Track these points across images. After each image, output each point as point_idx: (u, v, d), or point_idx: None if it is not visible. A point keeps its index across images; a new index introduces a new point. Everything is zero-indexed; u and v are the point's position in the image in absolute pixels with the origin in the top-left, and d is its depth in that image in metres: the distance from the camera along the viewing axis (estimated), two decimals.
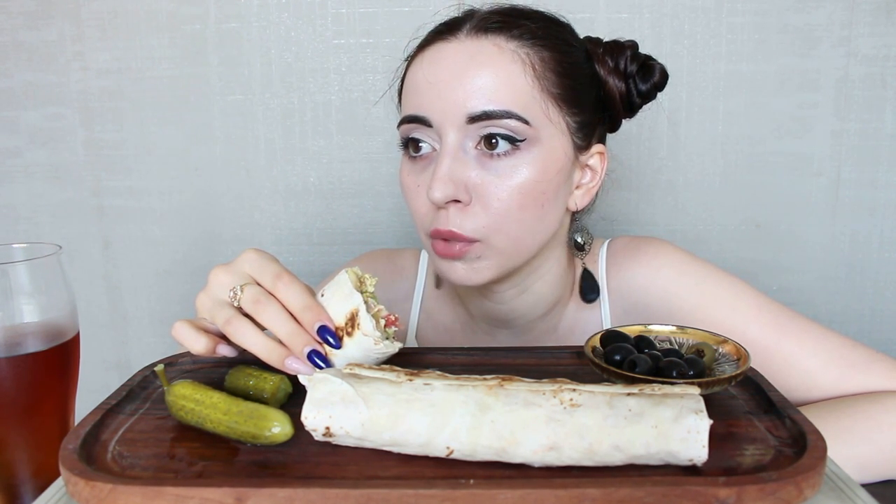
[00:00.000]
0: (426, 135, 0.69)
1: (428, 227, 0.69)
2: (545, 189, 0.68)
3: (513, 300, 0.77)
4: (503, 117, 0.65)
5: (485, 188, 0.66)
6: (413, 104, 0.69)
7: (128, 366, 1.28)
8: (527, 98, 0.66)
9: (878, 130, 1.13)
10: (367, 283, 0.57)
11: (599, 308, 0.80)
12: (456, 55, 0.67)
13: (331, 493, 0.40)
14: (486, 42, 0.67)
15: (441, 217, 0.67)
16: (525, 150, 0.67)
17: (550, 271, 0.77)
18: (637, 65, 0.74)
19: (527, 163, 0.67)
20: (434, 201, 0.66)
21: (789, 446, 0.45)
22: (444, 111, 0.66)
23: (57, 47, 1.17)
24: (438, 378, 0.47)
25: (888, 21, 1.09)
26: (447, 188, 0.65)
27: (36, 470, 0.59)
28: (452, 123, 0.66)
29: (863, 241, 1.17)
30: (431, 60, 0.69)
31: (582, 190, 0.74)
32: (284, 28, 1.15)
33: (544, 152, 0.68)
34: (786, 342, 0.73)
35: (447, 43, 0.69)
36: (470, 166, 0.67)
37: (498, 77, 0.66)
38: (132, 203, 1.22)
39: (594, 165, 0.74)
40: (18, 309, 0.58)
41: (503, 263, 0.70)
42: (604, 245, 0.83)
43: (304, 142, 1.18)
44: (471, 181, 0.66)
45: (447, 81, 0.67)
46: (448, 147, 0.67)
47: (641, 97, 0.75)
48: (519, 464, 0.44)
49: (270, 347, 0.53)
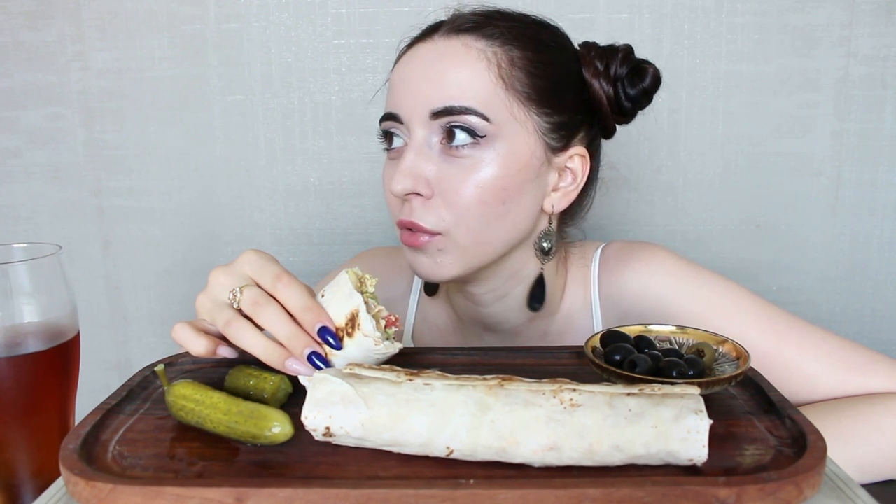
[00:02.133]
0: (399, 130, 0.71)
1: (396, 219, 0.71)
2: (506, 185, 0.68)
3: (493, 304, 0.77)
4: (463, 113, 0.67)
5: (446, 182, 0.68)
6: (389, 102, 0.72)
7: (128, 366, 1.28)
8: (489, 95, 0.67)
9: (878, 130, 1.13)
10: (368, 283, 0.57)
11: (591, 316, 0.80)
12: (426, 54, 0.70)
13: (331, 493, 0.40)
14: (455, 42, 0.69)
15: (405, 208, 0.69)
16: (486, 146, 0.67)
17: (531, 276, 0.76)
18: (627, 68, 0.73)
19: (488, 158, 0.68)
20: (394, 193, 0.68)
21: (789, 446, 0.45)
22: (411, 107, 0.69)
23: (57, 47, 1.17)
24: (438, 378, 0.47)
25: (888, 21, 1.09)
26: (406, 181, 0.67)
27: (36, 470, 0.59)
28: (419, 119, 0.68)
29: (863, 241, 1.17)
30: (407, 61, 0.71)
31: (560, 193, 0.73)
32: (284, 28, 1.15)
33: (506, 149, 0.68)
34: (785, 348, 0.72)
35: (423, 44, 0.71)
36: (433, 161, 0.68)
37: (460, 74, 0.68)
38: (132, 203, 1.22)
39: (574, 168, 0.73)
40: (18, 309, 0.58)
41: (466, 261, 0.70)
42: (597, 251, 0.82)
43: (304, 142, 1.18)
44: (432, 175, 0.68)
45: (415, 79, 0.69)
46: (413, 142, 0.69)
47: (631, 101, 0.74)
48: (519, 464, 0.44)
49: (270, 349, 0.53)
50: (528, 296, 0.77)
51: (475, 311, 0.79)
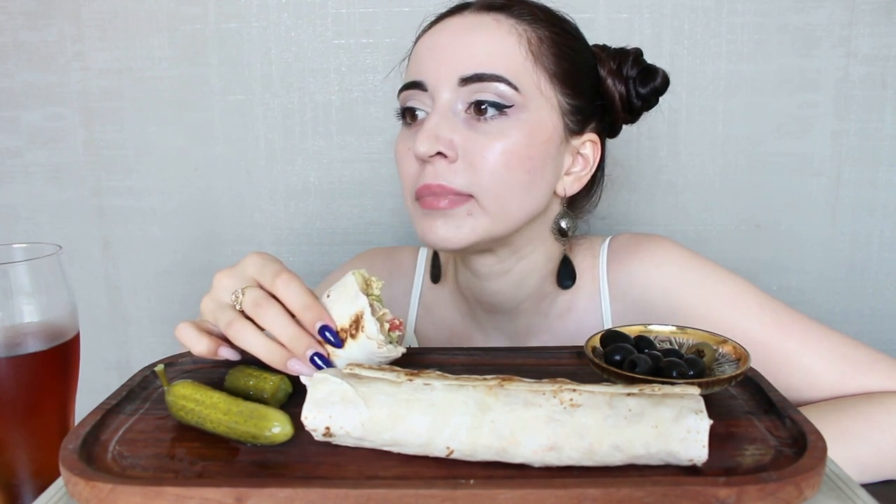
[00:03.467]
0: (420, 101, 0.71)
1: (414, 189, 0.70)
2: (531, 154, 0.69)
3: (498, 278, 0.77)
4: (493, 80, 0.68)
5: (471, 146, 0.68)
6: (412, 71, 0.73)
7: (128, 366, 1.28)
8: (518, 67, 0.69)
9: (878, 130, 1.13)
10: (374, 286, 0.57)
11: (600, 303, 0.81)
12: (456, 26, 0.71)
13: (331, 493, 0.40)
14: (486, 17, 0.71)
15: (428, 171, 0.68)
16: (513, 116, 0.69)
17: (534, 253, 0.77)
18: (638, 69, 0.76)
19: (514, 126, 0.68)
20: (418, 154, 0.67)
21: (789, 446, 0.45)
22: (437, 73, 0.69)
23: (57, 47, 1.17)
24: (438, 378, 0.47)
25: (888, 21, 1.09)
26: (431, 141, 0.67)
27: (36, 470, 0.59)
28: (446, 84, 0.69)
29: (863, 241, 1.17)
30: (434, 32, 0.72)
31: (572, 177, 0.75)
32: (284, 28, 1.15)
33: (532, 120, 0.69)
34: (787, 341, 0.73)
35: (451, 18, 0.73)
36: (457, 127, 0.68)
37: (491, 45, 0.69)
38: (132, 203, 1.22)
39: (586, 154, 0.76)
40: (18, 309, 0.58)
41: (488, 227, 0.69)
42: (605, 242, 0.83)
43: (304, 142, 1.18)
44: (457, 140, 0.68)
45: (444, 47, 0.70)
46: (438, 106, 0.69)
47: (642, 100, 0.77)
48: (519, 464, 0.44)
49: (272, 349, 0.53)
50: (556, 275, 0.80)
51: (480, 287, 0.79)
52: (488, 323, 0.83)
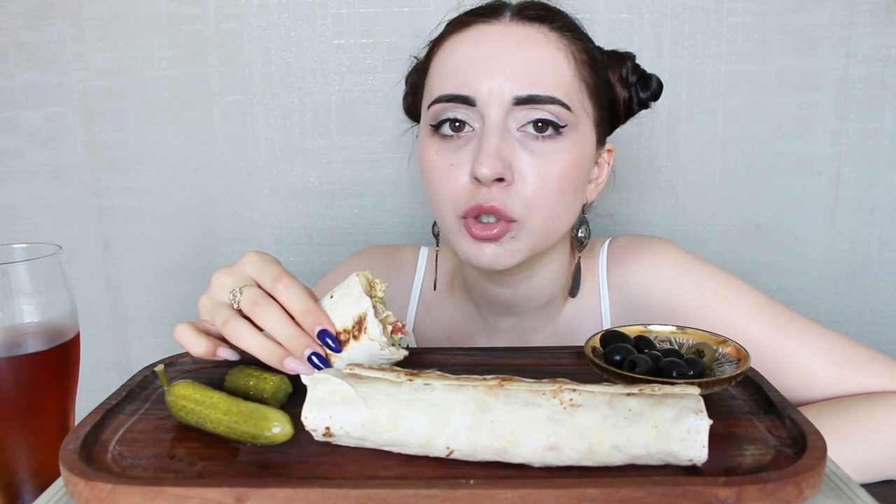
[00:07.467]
0: (466, 113, 0.68)
1: (461, 207, 0.68)
2: (579, 175, 0.70)
3: (519, 284, 0.77)
4: (548, 102, 0.67)
5: (527, 170, 0.67)
6: (452, 83, 0.69)
7: (128, 366, 1.28)
8: (568, 85, 0.68)
9: (878, 130, 1.13)
10: (378, 287, 0.57)
11: (599, 303, 0.81)
12: (503, 37, 0.69)
13: (331, 493, 0.40)
14: (531, 29, 0.69)
15: (483, 193, 0.67)
16: (566, 136, 0.68)
17: (555, 260, 0.78)
18: (637, 75, 0.77)
19: (566, 148, 0.68)
20: (482, 178, 0.65)
21: (789, 446, 0.45)
22: (490, 90, 0.67)
23: (57, 47, 1.17)
24: (438, 378, 0.47)
25: (888, 21, 1.09)
26: (496, 165, 0.65)
27: (36, 470, 0.59)
28: (499, 104, 0.67)
29: (863, 241, 1.16)
30: (476, 40, 0.69)
31: (593, 185, 0.77)
32: (284, 28, 1.15)
33: (580, 140, 0.70)
34: (786, 342, 0.73)
35: (491, 25, 0.70)
36: (514, 147, 0.67)
37: (544, 62, 0.68)
38: (132, 203, 1.22)
39: (604, 162, 0.77)
40: (18, 309, 0.58)
41: (533, 246, 0.70)
42: (605, 243, 0.84)
43: (304, 142, 1.18)
44: (514, 162, 0.67)
45: (494, 60, 0.67)
46: (493, 125, 0.67)
47: (641, 105, 0.79)
48: (519, 464, 0.44)
49: (269, 348, 0.53)
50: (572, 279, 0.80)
51: (497, 293, 0.79)
52: (492, 323, 0.83)
